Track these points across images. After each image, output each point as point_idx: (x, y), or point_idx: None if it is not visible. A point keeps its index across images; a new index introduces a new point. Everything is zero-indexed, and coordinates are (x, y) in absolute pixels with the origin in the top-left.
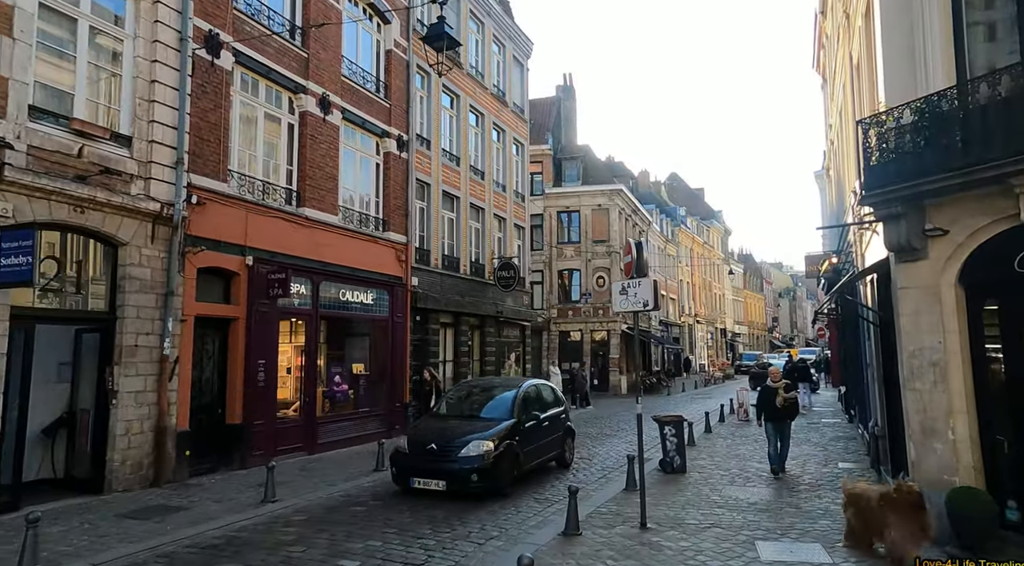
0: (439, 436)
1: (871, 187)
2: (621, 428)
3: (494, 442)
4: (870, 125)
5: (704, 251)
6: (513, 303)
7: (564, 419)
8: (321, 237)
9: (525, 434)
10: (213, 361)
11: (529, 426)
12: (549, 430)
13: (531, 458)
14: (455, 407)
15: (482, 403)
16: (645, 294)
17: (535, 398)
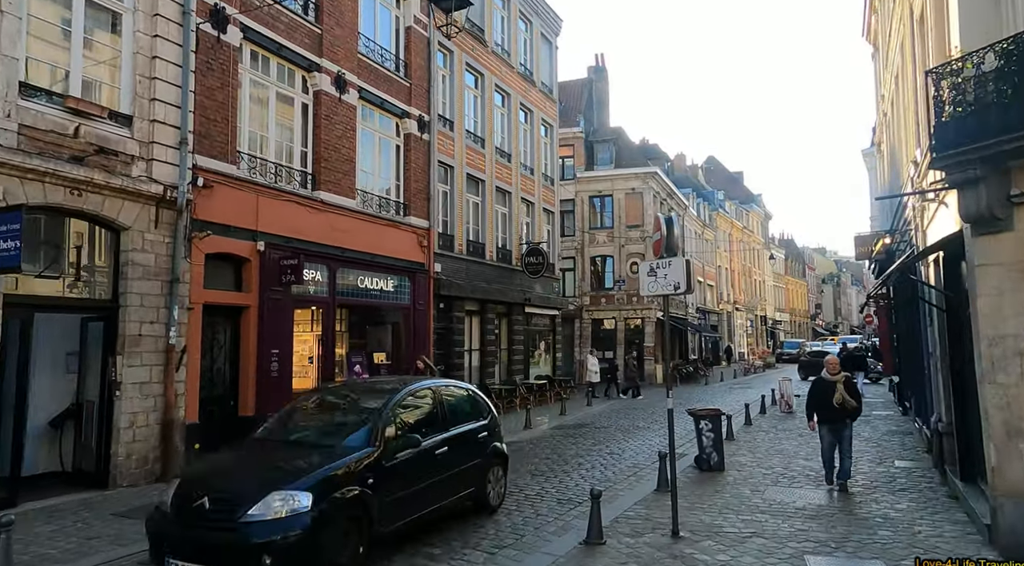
0: (223, 483)
1: (944, 147)
2: (655, 420)
3: (313, 494)
4: (943, 75)
5: (743, 236)
6: (542, 290)
7: (486, 438)
8: (338, 222)
9: (394, 473)
10: (224, 351)
11: (405, 458)
12: (453, 458)
13: (409, 509)
14: (288, 427)
15: (329, 421)
16: (676, 275)
17: (431, 410)
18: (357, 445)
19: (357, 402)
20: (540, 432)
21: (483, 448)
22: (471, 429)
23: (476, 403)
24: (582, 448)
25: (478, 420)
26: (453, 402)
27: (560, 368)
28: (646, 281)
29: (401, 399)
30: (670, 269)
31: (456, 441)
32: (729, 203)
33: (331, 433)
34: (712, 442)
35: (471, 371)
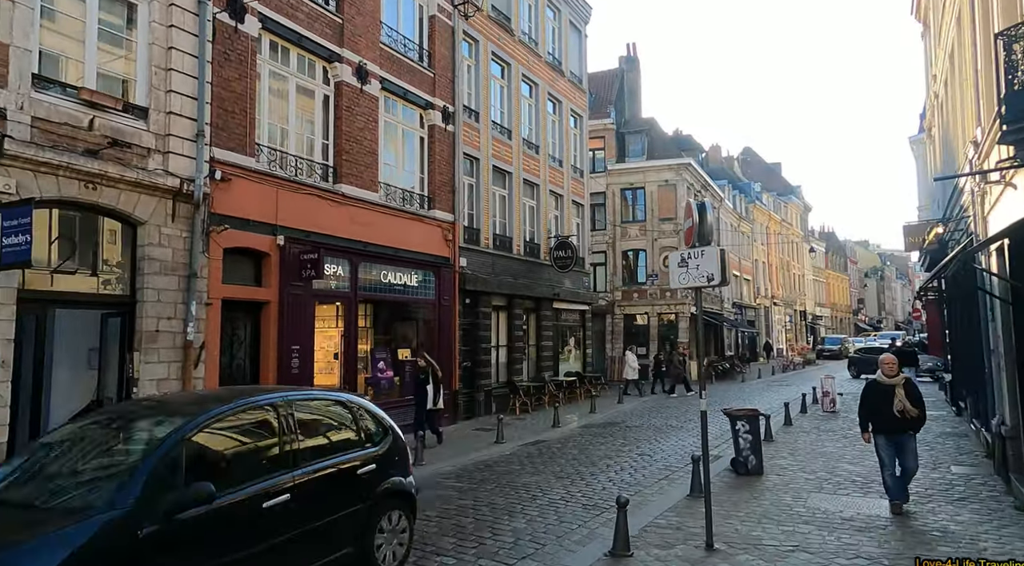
0: None
1: (1016, 117)
2: (689, 419)
3: None
4: (1015, 37)
5: (781, 229)
6: (572, 285)
7: (374, 473)
8: (360, 215)
9: (171, 545)
10: (244, 347)
11: (193, 520)
12: (306, 509)
13: None
14: (27, 477)
15: (74, 466)
16: (709, 266)
17: (266, 441)
18: (117, 505)
19: (135, 434)
20: (568, 431)
21: (368, 488)
22: (346, 462)
23: (360, 423)
24: (611, 448)
25: (362, 448)
26: (315, 425)
27: (591, 364)
28: (676, 272)
29: (202, 425)
30: (703, 259)
31: (313, 483)
32: (766, 195)
33: (61, 490)
34: (750, 444)
35: (498, 368)
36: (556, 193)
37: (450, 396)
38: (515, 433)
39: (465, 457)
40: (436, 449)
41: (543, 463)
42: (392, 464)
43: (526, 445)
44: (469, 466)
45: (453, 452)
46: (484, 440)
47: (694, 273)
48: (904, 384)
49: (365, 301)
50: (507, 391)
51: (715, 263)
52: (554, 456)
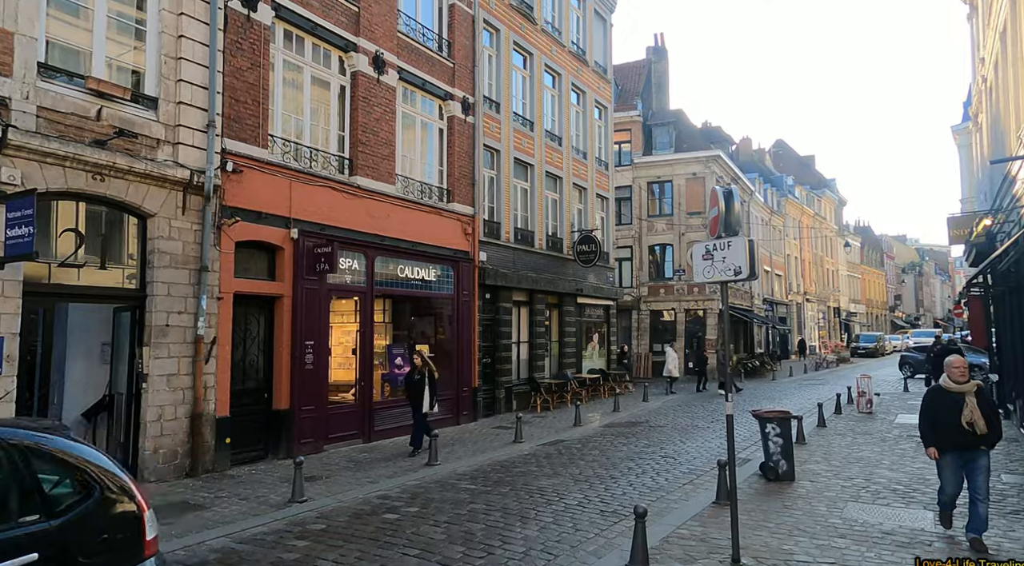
0: None
1: None
2: (717, 419)
3: None
4: None
5: (815, 223)
6: (596, 280)
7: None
8: (376, 208)
9: None
10: (257, 342)
11: None
12: None
13: None
14: None
15: None
16: (737, 258)
17: None
18: None
19: None
20: (590, 431)
21: None
22: None
23: (26, 480)
24: (634, 449)
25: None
26: None
27: (626, 359)
28: (701, 266)
29: None
30: (729, 251)
31: None
32: (799, 188)
33: None
34: (780, 448)
35: (519, 364)
36: (580, 186)
37: (469, 394)
38: (535, 432)
39: (482, 457)
40: (452, 448)
41: (562, 464)
42: (91, 549)
43: (545, 445)
44: (485, 467)
45: (470, 451)
46: (502, 439)
47: (719, 266)
48: (976, 392)
49: (382, 296)
50: (528, 388)
51: (742, 255)
52: (573, 457)
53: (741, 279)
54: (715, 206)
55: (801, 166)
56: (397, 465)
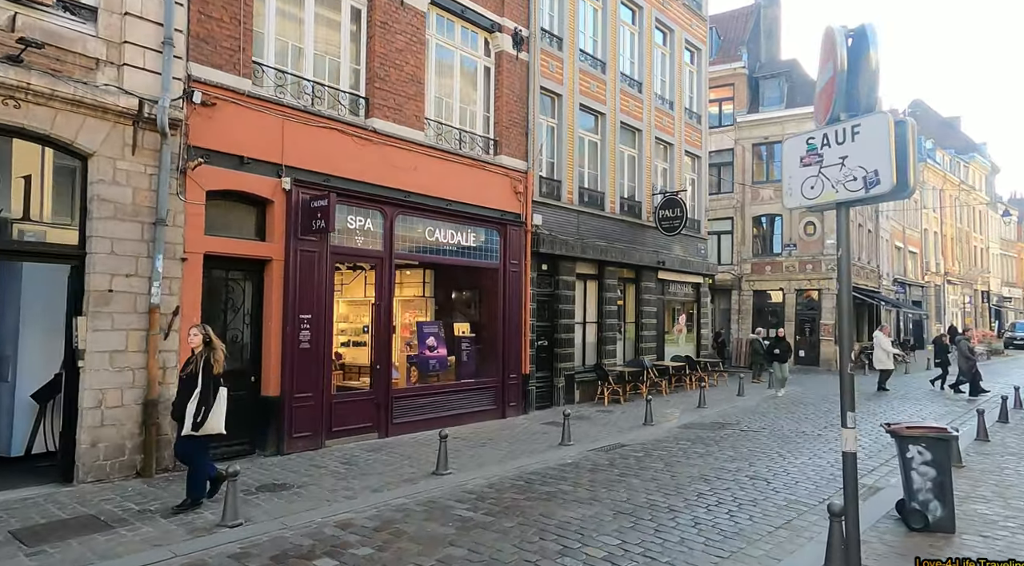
0: None
1: None
2: (831, 423)
3: None
4: None
5: (959, 193)
6: (682, 251)
7: None
8: (399, 158)
9: None
10: (241, 315)
11: None
12: None
13: None
14: None
15: None
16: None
17: None
18: None
19: None
20: (661, 433)
21: None
22: None
23: None
24: (712, 464)
25: None
26: None
27: (707, 347)
28: (798, 176)
29: None
30: (855, 143)
31: None
32: (941, 153)
33: None
34: (931, 483)
35: (584, 349)
36: (664, 141)
37: (517, 382)
38: (591, 431)
39: (510, 464)
40: (479, 450)
41: (607, 483)
42: None
43: (597, 451)
44: (506, 480)
45: (498, 456)
46: (547, 440)
47: (834, 174)
48: None
49: (406, 263)
50: (595, 377)
51: (882, 148)
52: (627, 472)
53: (879, 194)
54: (828, 61)
55: (944, 128)
56: (409, 469)
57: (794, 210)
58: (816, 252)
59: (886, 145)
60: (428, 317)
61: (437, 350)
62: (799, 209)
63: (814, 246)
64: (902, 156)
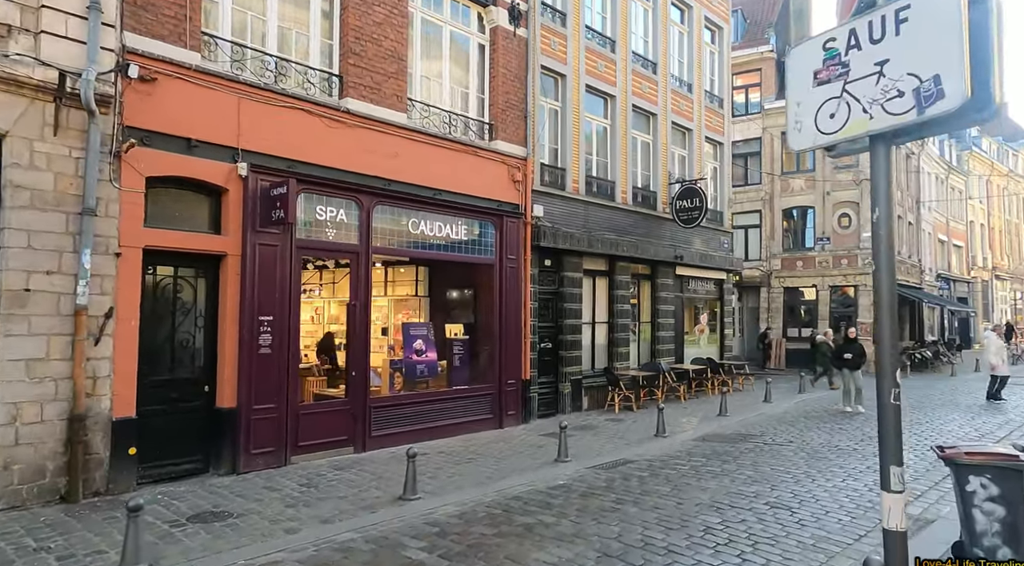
0: None
1: None
2: (869, 436)
3: None
4: None
5: (1009, 183)
6: (703, 246)
7: None
8: (377, 143)
9: None
10: (192, 316)
11: None
12: None
13: None
14: None
15: None
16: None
17: None
18: None
19: None
20: (674, 446)
21: None
22: None
23: None
24: (727, 487)
25: None
26: None
27: (730, 349)
28: (809, 101)
29: None
30: (903, 36)
31: None
32: (987, 140)
33: None
34: (1000, 522)
35: (594, 352)
36: (682, 127)
37: (516, 388)
38: (595, 444)
39: (491, 487)
40: (463, 467)
41: (599, 513)
42: None
43: (596, 469)
44: (482, 508)
45: (482, 475)
46: (542, 456)
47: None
48: None
49: (391, 259)
50: (605, 382)
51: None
52: (625, 498)
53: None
54: None
55: None
56: (365, 494)
57: (804, 151)
58: (852, 246)
59: (955, 33)
60: (422, 318)
61: (426, 354)
62: (811, 149)
63: (849, 239)
64: (981, 52)
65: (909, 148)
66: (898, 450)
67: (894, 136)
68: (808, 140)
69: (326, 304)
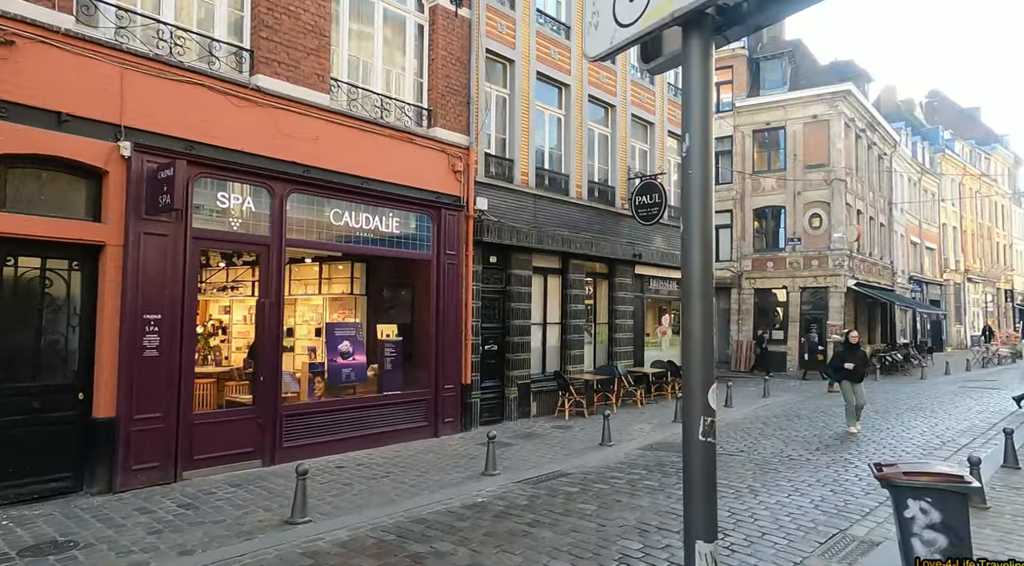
0: None
1: None
2: (827, 444)
3: None
4: None
5: (981, 186)
6: (665, 244)
7: None
8: (295, 125)
9: None
10: (65, 315)
11: None
12: None
13: None
14: None
15: None
16: None
17: None
18: None
19: None
20: (618, 456)
21: None
22: None
23: None
24: (659, 505)
25: None
26: None
27: None
28: None
29: None
30: None
31: None
32: (961, 144)
33: None
34: (942, 554)
35: (545, 354)
36: (643, 120)
37: (455, 393)
38: (532, 455)
39: (401, 505)
40: (372, 483)
41: (507, 539)
42: None
43: (525, 484)
44: (375, 534)
45: (394, 493)
46: (469, 469)
47: None
48: None
49: (321, 254)
50: (556, 386)
51: None
52: (542, 520)
53: None
54: None
55: (963, 119)
56: (249, 517)
57: (602, 58)
58: (822, 246)
59: None
60: (358, 318)
61: (353, 357)
62: (609, 54)
63: (820, 240)
64: None
65: (880, 149)
66: (709, 515)
67: (715, 27)
68: (605, 39)
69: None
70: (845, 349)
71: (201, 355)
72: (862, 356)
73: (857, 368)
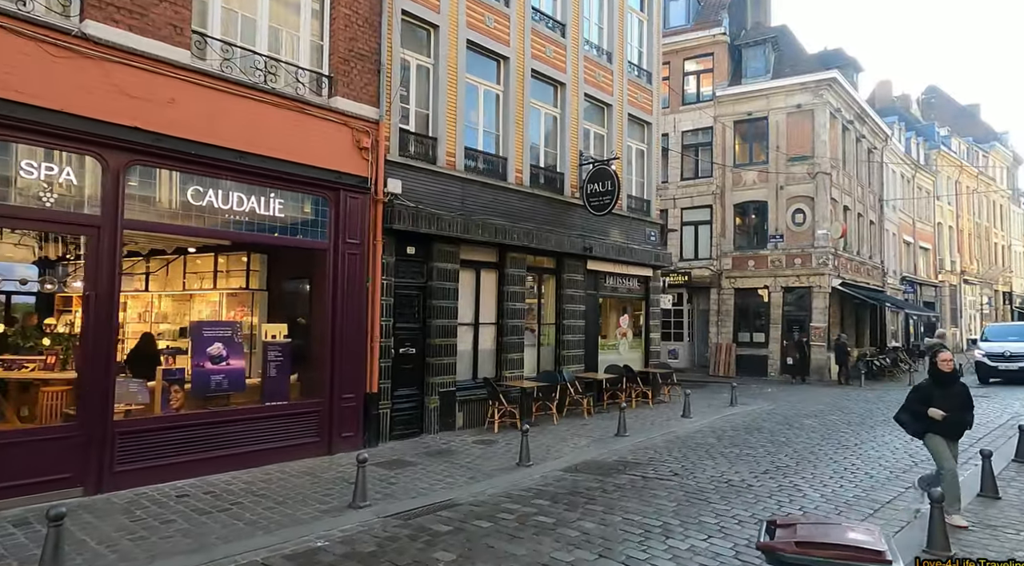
0: None
1: None
2: (778, 465)
3: None
4: None
5: (978, 184)
6: (623, 238)
7: None
8: (140, 83)
9: None
10: None
11: None
12: None
13: None
14: None
15: None
16: None
17: None
18: None
19: None
20: (532, 479)
21: None
22: None
23: None
24: (541, 553)
25: None
26: None
27: (656, 354)
28: None
29: None
30: None
31: None
32: (958, 141)
33: None
34: None
35: (476, 359)
36: (598, 101)
37: (357, 404)
38: (424, 480)
39: (203, 556)
40: (206, 520)
41: None
42: None
43: (395, 518)
44: None
45: (212, 536)
46: (337, 499)
47: None
48: None
49: (209, 243)
50: (486, 395)
51: None
52: None
53: None
54: None
55: (961, 116)
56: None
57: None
58: (806, 244)
59: None
60: (256, 316)
61: (227, 361)
62: None
63: (804, 237)
64: None
65: (870, 143)
66: None
67: None
68: None
69: (156, 298)
70: (932, 381)
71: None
72: (963, 393)
73: (955, 415)
